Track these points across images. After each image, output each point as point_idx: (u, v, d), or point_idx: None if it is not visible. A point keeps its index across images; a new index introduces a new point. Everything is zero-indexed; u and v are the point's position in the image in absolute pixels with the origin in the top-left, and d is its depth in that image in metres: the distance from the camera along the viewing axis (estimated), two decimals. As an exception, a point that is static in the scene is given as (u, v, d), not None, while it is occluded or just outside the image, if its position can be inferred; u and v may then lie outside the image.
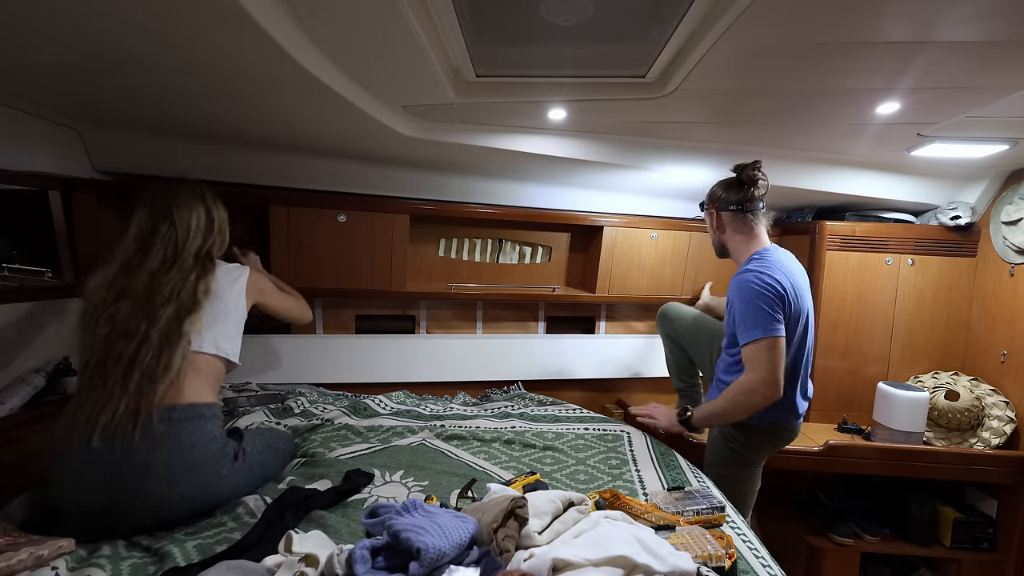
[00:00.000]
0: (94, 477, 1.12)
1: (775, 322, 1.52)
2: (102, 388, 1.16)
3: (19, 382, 1.70)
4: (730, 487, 1.64)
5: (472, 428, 1.79)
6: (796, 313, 1.59)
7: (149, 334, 1.21)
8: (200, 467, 1.20)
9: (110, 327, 1.21)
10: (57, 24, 1.08)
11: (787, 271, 1.61)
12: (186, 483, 1.18)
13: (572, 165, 2.12)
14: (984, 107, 1.54)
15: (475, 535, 0.99)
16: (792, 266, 1.66)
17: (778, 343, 1.52)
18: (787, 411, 1.67)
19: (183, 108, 1.62)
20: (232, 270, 1.47)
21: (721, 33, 1.13)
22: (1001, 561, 2.14)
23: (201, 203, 1.42)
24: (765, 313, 1.52)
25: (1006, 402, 2.16)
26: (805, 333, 1.65)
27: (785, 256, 1.68)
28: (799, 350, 1.64)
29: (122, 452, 1.13)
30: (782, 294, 1.54)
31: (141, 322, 1.22)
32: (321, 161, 2.14)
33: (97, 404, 1.14)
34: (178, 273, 1.31)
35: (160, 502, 1.15)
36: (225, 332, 1.38)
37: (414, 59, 1.30)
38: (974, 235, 2.36)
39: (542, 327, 2.65)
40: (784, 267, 1.62)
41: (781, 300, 1.54)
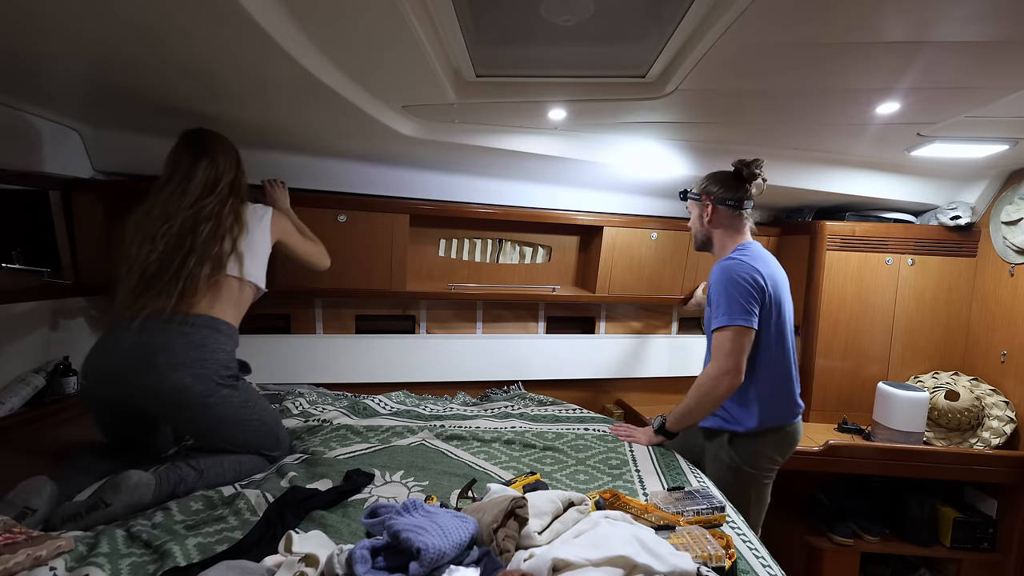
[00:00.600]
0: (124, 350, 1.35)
1: (747, 313, 1.54)
2: (155, 292, 1.39)
3: (19, 382, 1.71)
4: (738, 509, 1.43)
5: (472, 428, 1.79)
6: (777, 307, 1.60)
7: (194, 245, 1.42)
8: (202, 364, 1.38)
9: (164, 243, 1.41)
10: (57, 24, 1.08)
11: (768, 266, 1.63)
12: (185, 373, 1.35)
13: (572, 165, 2.12)
14: (984, 107, 1.54)
15: (475, 535, 0.99)
16: (772, 264, 1.68)
17: (746, 333, 1.54)
18: (786, 411, 1.67)
19: (183, 108, 1.62)
20: (257, 209, 1.63)
21: (721, 33, 1.13)
22: (1001, 561, 2.14)
23: (230, 145, 1.60)
24: (739, 303, 1.54)
25: (1006, 402, 2.16)
26: (787, 330, 1.66)
27: (766, 254, 1.70)
28: (784, 344, 1.64)
29: (150, 336, 1.35)
30: (761, 286, 1.56)
31: (187, 237, 1.43)
32: (321, 161, 2.14)
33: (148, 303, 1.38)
34: (216, 199, 1.49)
35: (161, 382, 1.33)
36: (253, 261, 1.55)
37: (414, 59, 1.30)
38: (974, 235, 2.36)
39: (542, 327, 2.65)
40: (765, 262, 1.64)
41: (760, 292, 1.56)
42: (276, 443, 1.54)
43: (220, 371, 1.41)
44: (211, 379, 1.39)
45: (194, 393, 1.36)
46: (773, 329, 1.61)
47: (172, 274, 1.40)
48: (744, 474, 1.63)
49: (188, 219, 1.44)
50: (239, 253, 1.50)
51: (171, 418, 1.48)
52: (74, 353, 1.94)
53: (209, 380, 1.39)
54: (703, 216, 1.76)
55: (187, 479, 1.30)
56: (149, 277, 1.39)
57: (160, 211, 1.45)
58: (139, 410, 1.42)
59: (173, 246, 1.41)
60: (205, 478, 1.33)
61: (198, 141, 1.54)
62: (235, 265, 1.50)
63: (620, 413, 2.55)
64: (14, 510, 1.12)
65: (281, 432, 1.58)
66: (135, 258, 1.40)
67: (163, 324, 1.37)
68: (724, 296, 1.56)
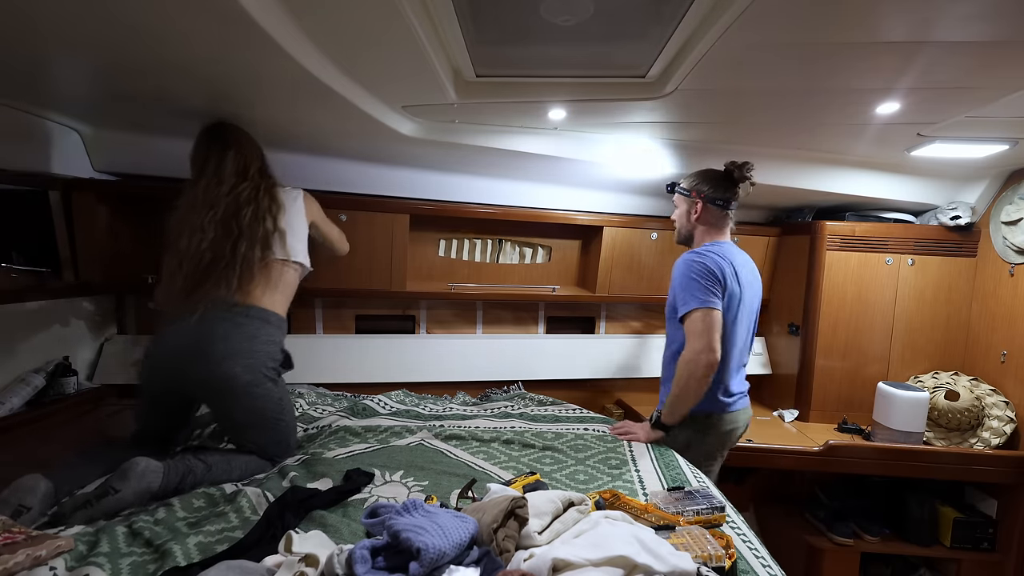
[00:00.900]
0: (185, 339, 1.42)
1: (711, 295, 1.64)
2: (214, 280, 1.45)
3: (19, 382, 1.71)
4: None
5: (471, 428, 1.79)
6: (730, 301, 1.68)
7: (241, 229, 1.48)
8: (252, 355, 1.45)
9: (213, 230, 1.46)
10: (57, 25, 1.08)
11: (733, 261, 1.71)
12: (236, 362, 1.42)
13: (572, 165, 2.12)
14: (984, 107, 1.54)
15: (475, 535, 0.99)
16: (741, 260, 1.75)
17: (713, 314, 1.64)
18: (713, 400, 1.72)
19: (183, 108, 1.62)
20: (289, 191, 1.68)
21: (721, 33, 1.13)
22: (1001, 561, 2.14)
23: (249, 135, 1.64)
24: (701, 287, 1.65)
25: (1006, 402, 2.16)
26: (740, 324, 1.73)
27: (738, 252, 1.78)
28: (730, 338, 1.71)
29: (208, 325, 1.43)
30: (718, 275, 1.65)
31: (231, 223, 1.48)
32: (321, 161, 2.14)
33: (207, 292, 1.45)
34: (250, 184, 1.54)
35: (212, 370, 1.40)
36: (295, 239, 1.61)
37: (414, 59, 1.30)
38: (974, 235, 2.36)
39: (542, 327, 2.65)
40: (732, 258, 1.72)
41: (717, 280, 1.65)
42: (288, 449, 1.56)
43: (267, 363, 1.49)
44: (259, 370, 1.46)
45: (241, 382, 1.42)
46: (731, 319, 1.70)
47: (227, 260, 1.46)
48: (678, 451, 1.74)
49: (230, 205, 1.50)
50: (281, 231, 1.56)
51: (216, 405, 1.52)
52: (74, 353, 1.94)
53: (257, 371, 1.45)
54: (691, 212, 1.81)
55: (195, 471, 1.32)
56: (205, 266, 1.45)
57: (202, 201, 1.49)
58: (188, 397, 1.53)
59: (222, 233, 1.47)
60: (212, 473, 1.35)
61: (220, 134, 1.59)
62: (280, 244, 1.56)
63: (620, 413, 2.55)
64: (8, 508, 1.13)
65: (294, 439, 1.61)
66: (186, 250, 1.46)
67: (221, 313, 1.44)
68: (688, 283, 1.67)
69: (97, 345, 2.10)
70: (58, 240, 1.86)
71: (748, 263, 1.80)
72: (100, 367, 2.06)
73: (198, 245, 1.45)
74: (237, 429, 1.50)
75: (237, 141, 1.58)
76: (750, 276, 1.78)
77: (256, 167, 1.59)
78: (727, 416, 1.77)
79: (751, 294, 1.77)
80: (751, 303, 1.77)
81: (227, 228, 1.48)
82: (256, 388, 1.44)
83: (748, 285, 1.75)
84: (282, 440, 1.54)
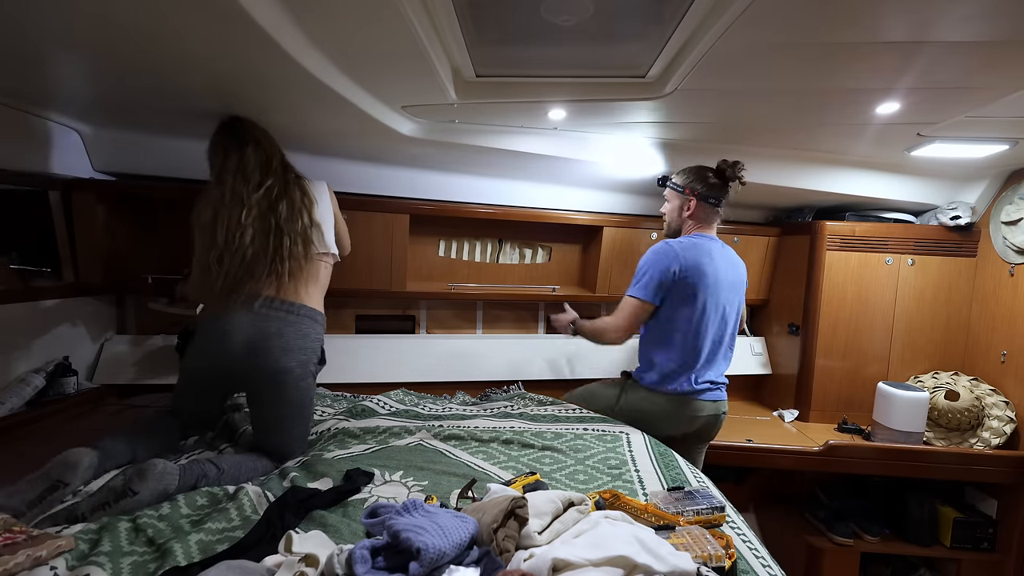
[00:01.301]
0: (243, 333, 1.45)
1: (652, 289, 1.80)
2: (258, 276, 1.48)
3: (19, 382, 1.71)
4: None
5: (470, 428, 1.79)
6: (694, 294, 1.77)
7: (280, 226, 1.50)
8: (304, 352, 1.52)
9: (252, 227, 1.47)
10: (57, 25, 1.08)
11: (700, 257, 1.78)
12: (292, 357, 1.48)
13: (572, 165, 2.12)
14: (984, 107, 1.54)
15: (475, 535, 0.99)
16: (717, 255, 1.83)
17: (641, 306, 1.82)
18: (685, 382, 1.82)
19: (183, 108, 1.62)
20: (316, 183, 1.68)
21: (721, 33, 1.13)
22: (1001, 561, 2.14)
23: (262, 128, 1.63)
24: (646, 279, 1.81)
25: (1006, 402, 2.16)
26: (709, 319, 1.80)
27: (718, 247, 1.85)
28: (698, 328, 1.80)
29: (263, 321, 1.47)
30: (672, 272, 1.77)
31: (269, 219, 1.49)
32: (321, 161, 2.14)
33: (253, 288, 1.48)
34: (276, 178, 1.55)
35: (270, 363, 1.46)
36: (329, 231, 1.64)
37: (414, 59, 1.30)
38: (974, 235, 2.36)
39: (542, 327, 2.65)
40: (700, 253, 1.79)
41: (664, 276, 1.78)
42: (304, 448, 1.60)
43: (313, 359, 1.56)
44: (307, 365, 1.53)
45: (294, 376, 1.49)
46: (686, 311, 1.80)
47: (271, 257, 1.49)
48: (619, 410, 1.94)
49: (262, 201, 1.50)
50: (317, 224, 1.59)
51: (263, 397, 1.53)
52: (74, 353, 1.94)
53: (306, 366, 1.53)
54: (684, 208, 1.89)
55: (209, 475, 1.34)
56: (248, 262, 1.47)
57: (232, 198, 1.49)
58: (229, 386, 1.60)
59: (260, 229, 1.48)
60: (224, 476, 1.37)
61: (237, 129, 1.59)
62: (319, 237, 1.59)
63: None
64: (47, 481, 1.20)
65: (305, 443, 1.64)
66: (226, 245, 1.46)
67: (274, 311, 1.49)
68: (640, 271, 1.84)
69: (97, 345, 2.10)
70: (58, 240, 1.86)
71: (727, 258, 1.87)
72: (100, 367, 2.06)
73: (240, 241, 1.46)
74: (272, 421, 1.53)
75: (254, 137, 1.59)
76: (727, 270, 1.84)
77: (277, 160, 1.60)
78: (694, 403, 1.85)
79: (726, 288, 1.83)
80: (726, 296, 1.83)
81: (265, 226, 1.49)
82: (303, 381, 1.52)
83: (723, 279, 1.82)
84: (303, 435, 1.60)
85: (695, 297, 1.78)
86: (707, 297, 1.79)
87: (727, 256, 1.88)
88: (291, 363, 1.48)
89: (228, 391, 1.68)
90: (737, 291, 1.89)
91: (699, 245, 1.82)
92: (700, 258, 1.79)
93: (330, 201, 1.71)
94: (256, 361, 1.46)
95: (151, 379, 2.09)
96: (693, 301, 1.79)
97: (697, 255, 1.79)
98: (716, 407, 1.88)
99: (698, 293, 1.77)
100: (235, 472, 1.39)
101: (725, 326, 1.87)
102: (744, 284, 1.94)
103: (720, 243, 1.89)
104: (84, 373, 2.01)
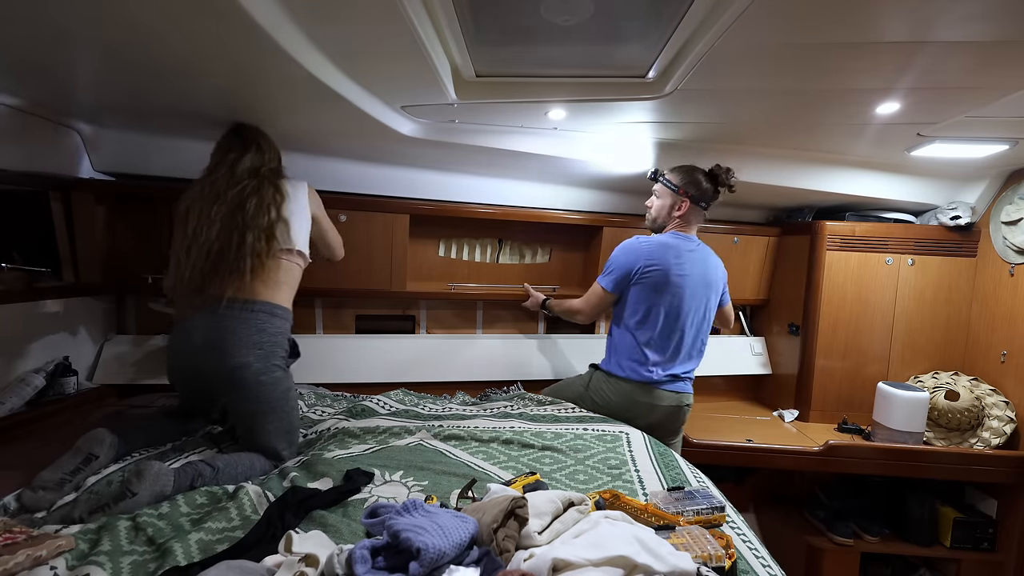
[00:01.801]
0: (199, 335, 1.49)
1: (614, 281, 1.93)
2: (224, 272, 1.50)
3: (19, 382, 1.71)
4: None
5: (470, 428, 1.79)
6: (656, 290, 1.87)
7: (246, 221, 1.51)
8: (262, 345, 1.51)
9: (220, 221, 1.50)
10: (58, 25, 1.08)
11: (666, 257, 1.86)
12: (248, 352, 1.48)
13: (572, 165, 2.12)
14: (984, 107, 1.54)
15: (475, 535, 0.99)
16: (688, 254, 1.89)
17: (604, 294, 1.96)
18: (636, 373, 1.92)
19: (183, 108, 1.62)
20: (294, 181, 1.70)
21: (721, 33, 1.13)
22: (1001, 561, 2.14)
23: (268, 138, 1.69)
24: (611, 271, 1.94)
25: (1006, 402, 2.16)
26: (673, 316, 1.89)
27: (693, 246, 1.92)
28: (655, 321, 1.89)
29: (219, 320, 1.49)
30: (630, 265, 1.89)
31: (237, 215, 1.52)
32: (321, 161, 2.14)
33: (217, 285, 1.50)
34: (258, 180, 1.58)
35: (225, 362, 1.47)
36: (300, 228, 1.64)
37: (414, 59, 1.29)
38: (974, 235, 2.36)
39: (542, 327, 2.65)
40: (668, 253, 1.87)
41: (627, 270, 1.89)
42: (291, 444, 1.59)
43: (278, 351, 1.56)
44: (269, 359, 1.52)
45: (253, 370, 1.49)
46: (649, 307, 1.89)
47: (235, 253, 1.51)
48: (586, 398, 2.06)
49: (235, 197, 1.53)
50: (284, 220, 1.59)
51: (231, 397, 1.56)
52: (74, 353, 1.94)
53: (267, 359, 1.52)
54: (675, 208, 1.94)
55: (204, 474, 1.35)
56: (215, 256, 1.50)
57: (210, 191, 1.54)
58: (211, 387, 1.58)
59: (226, 225, 1.51)
60: (221, 475, 1.38)
61: (245, 134, 1.64)
62: (284, 232, 1.59)
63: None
64: (80, 456, 1.32)
65: (297, 435, 1.65)
66: (195, 236, 1.50)
67: (232, 311, 1.50)
68: (609, 262, 1.96)
69: (97, 345, 2.10)
70: (58, 240, 1.86)
71: (699, 258, 1.92)
72: (100, 367, 2.06)
73: (206, 235, 1.49)
74: (249, 419, 1.54)
75: (258, 144, 1.63)
76: (695, 270, 1.90)
77: (271, 167, 1.64)
78: (655, 392, 1.93)
79: (694, 287, 1.90)
80: (693, 295, 1.90)
81: (232, 221, 1.51)
82: (265, 376, 1.51)
83: (691, 279, 1.89)
84: (290, 430, 1.58)
85: (659, 294, 1.87)
86: (671, 295, 1.87)
87: (699, 256, 1.93)
88: (248, 357, 1.48)
89: (208, 392, 1.66)
90: (708, 291, 1.95)
91: (668, 244, 1.90)
92: (666, 257, 1.87)
93: (307, 200, 1.70)
94: (216, 361, 1.48)
95: (151, 379, 2.09)
96: (657, 298, 1.88)
97: (664, 254, 1.87)
98: (679, 398, 1.95)
99: (662, 290, 1.87)
100: (231, 471, 1.40)
101: (692, 324, 1.93)
102: (719, 283, 1.99)
103: (695, 243, 1.95)
104: (84, 373, 2.01)
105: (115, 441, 1.40)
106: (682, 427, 2.04)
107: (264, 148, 1.65)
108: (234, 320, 1.50)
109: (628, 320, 1.94)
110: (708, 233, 2.51)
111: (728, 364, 2.68)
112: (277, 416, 1.54)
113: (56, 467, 1.29)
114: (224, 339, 1.48)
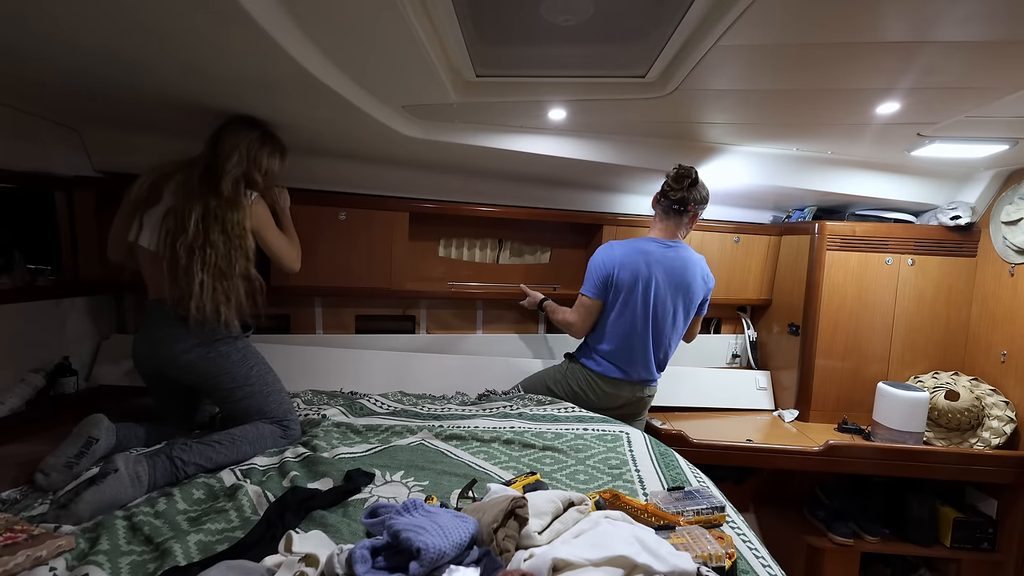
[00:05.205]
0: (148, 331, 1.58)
1: (592, 288, 2.02)
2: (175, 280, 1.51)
3: (19, 382, 1.71)
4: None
5: (471, 428, 1.79)
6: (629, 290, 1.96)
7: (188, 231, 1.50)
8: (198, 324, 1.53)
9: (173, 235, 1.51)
10: (59, 26, 1.08)
11: (635, 259, 1.95)
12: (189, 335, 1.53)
13: (572, 165, 2.12)
14: (984, 107, 1.54)
15: (475, 535, 0.99)
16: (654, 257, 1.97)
17: (591, 303, 2.03)
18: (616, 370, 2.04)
19: (183, 108, 1.62)
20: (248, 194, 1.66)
21: (721, 33, 1.13)
22: (1001, 561, 2.14)
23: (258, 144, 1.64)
24: (589, 278, 2.03)
25: (1006, 402, 2.16)
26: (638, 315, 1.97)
27: (654, 248, 1.99)
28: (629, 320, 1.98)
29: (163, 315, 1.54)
30: (606, 271, 1.98)
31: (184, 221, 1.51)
32: (321, 161, 2.14)
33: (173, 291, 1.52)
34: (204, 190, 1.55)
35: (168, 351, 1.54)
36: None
37: (414, 59, 1.30)
38: (974, 235, 2.36)
39: (542, 327, 2.65)
40: (637, 255, 1.96)
41: (605, 275, 1.98)
42: (283, 410, 1.62)
43: (219, 331, 1.56)
44: (210, 338, 1.55)
45: (197, 354, 1.53)
46: (619, 306, 1.99)
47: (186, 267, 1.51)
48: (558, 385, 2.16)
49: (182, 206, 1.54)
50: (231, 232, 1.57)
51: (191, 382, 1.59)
52: (74, 353, 1.95)
53: (210, 336, 1.55)
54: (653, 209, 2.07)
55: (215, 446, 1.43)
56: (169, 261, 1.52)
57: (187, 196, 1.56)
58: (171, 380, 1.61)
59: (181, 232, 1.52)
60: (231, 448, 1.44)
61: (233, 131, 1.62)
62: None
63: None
64: (81, 439, 1.35)
65: (287, 400, 1.67)
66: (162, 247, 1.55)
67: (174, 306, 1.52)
68: (587, 271, 2.05)
69: (97, 345, 2.10)
70: (60, 239, 1.86)
71: (671, 262, 1.98)
72: (100, 367, 2.06)
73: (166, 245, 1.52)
74: (215, 396, 1.61)
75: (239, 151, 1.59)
76: (665, 273, 1.97)
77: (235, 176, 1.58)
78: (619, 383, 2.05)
79: (664, 289, 1.97)
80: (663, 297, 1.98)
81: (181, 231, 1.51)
82: (209, 353, 1.55)
83: (662, 281, 1.97)
84: (269, 396, 1.62)
85: (627, 294, 1.97)
86: (637, 296, 1.96)
87: (672, 259, 1.99)
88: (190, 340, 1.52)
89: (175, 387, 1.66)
90: (681, 294, 2.01)
91: (637, 247, 1.99)
92: (635, 260, 1.96)
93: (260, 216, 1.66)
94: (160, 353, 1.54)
95: (151, 379, 2.09)
96: (625, 297, 1.98)
97: (633, 256, 1.96)
98: (642, 390, 2.08)
99: (629, 291, 1.97)
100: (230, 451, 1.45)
101: (659, 324, 2.01)
102: (694, 289, 2.02)
103: (672, 246, 2.00)
104: (84, 373, 2.01)
105: (112, 426, 1.43)
106: (645, 412, 2.20)
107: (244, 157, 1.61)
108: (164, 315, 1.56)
109: (604, 321, 2.04)
110: (709, 232, 2.51)
111: (733, 399, 2.61)
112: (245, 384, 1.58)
113: (59, 453, 1.31)
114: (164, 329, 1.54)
